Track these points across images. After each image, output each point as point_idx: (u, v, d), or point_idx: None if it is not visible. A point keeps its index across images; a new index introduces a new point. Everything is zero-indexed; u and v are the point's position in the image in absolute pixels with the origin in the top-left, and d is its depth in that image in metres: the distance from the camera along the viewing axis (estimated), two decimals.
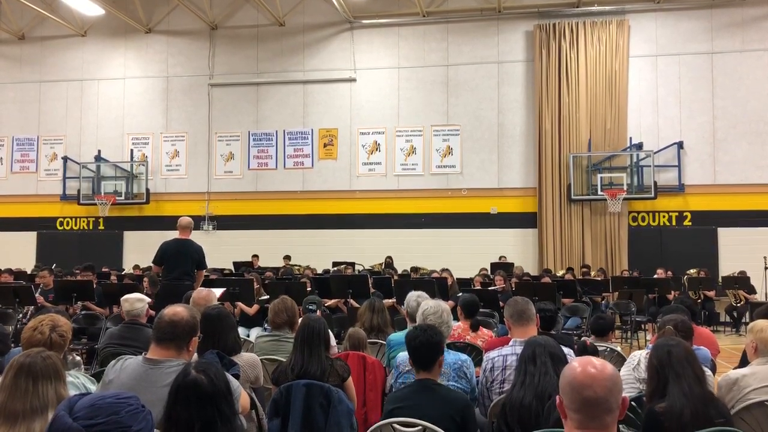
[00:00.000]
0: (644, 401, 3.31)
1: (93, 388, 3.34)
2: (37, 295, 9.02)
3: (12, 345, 4.88)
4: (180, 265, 7.98)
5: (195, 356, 3.60)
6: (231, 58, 17.60)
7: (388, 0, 16.85)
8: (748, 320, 11.28)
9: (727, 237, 15.14)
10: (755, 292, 13.43)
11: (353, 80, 16.92)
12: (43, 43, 18.54)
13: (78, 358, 4.73)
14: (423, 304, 4.56)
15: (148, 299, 5.25)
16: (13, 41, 18.60)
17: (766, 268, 13.69)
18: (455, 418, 3.30)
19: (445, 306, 4.54)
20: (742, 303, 13.40)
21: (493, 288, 10.39)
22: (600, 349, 5.18)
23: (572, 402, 2.04)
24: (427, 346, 3.50)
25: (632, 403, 3.41)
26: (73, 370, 3.74)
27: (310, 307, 5.64)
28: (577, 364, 2.09)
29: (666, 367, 3.15)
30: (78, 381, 3.32)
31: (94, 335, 8.27)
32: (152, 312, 5.52)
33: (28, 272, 12.61)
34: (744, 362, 4.27)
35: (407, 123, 16.67)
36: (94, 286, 9.52)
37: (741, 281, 13.49)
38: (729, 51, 15.41)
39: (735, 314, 13.57)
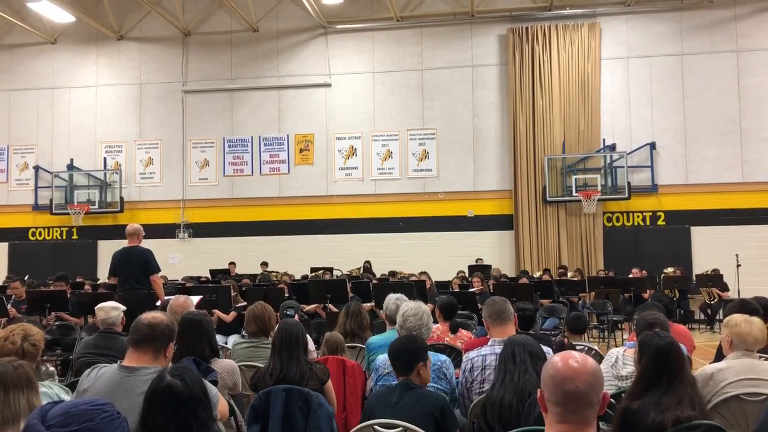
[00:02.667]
0: (623, 398, 3.32)
1: (67, 398, 3.27)
2: (9, 306, 8.86)
3: None
4: (129, 274, 7.93)
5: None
6: (205, 65, 17.49)
7: (362, 5, 16.88)
8: (722, 317, 11.43)
9: (700, 236, 15.37)
10: (728, 290, 13.62)
11: (328, 85, 16.91)
12: (11, 51, 18.25)
13: (52, 368, 4.64)
14: (403, 306, 4.54)
15: (123, 307, 5.17)
16: None
17: (738, 266, 13.90)
18: (435, 414, 3.30)
19: (426, 308, 4.52)
20: (715, 300, 13.58)
21: (471, 290, 10.41)
22: (578, 348, 5.21)
23: (553, 395, 2.04)
24: (404, 352, 3.51)
25: (611, 399, 3.42)
26: (47, 380, 3.67)
27: (288, 312, 5.60)
28: (558, 358, 2.09)
29: (661, 375, 3.11)
30: (52, 391, 3.26)
31: (68, 346, 8.12)
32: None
33: (0, 284, 12.38)
34: (719, 357, 4.32)
35: (383, 127, 16.69)
36: (68, 296, 9.37)
37: (714, 279, 13.68)
38: (698, 53, 15.67)
39: (709, 312, 13.75)
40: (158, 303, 7.40)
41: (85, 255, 17.17)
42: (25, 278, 11.94)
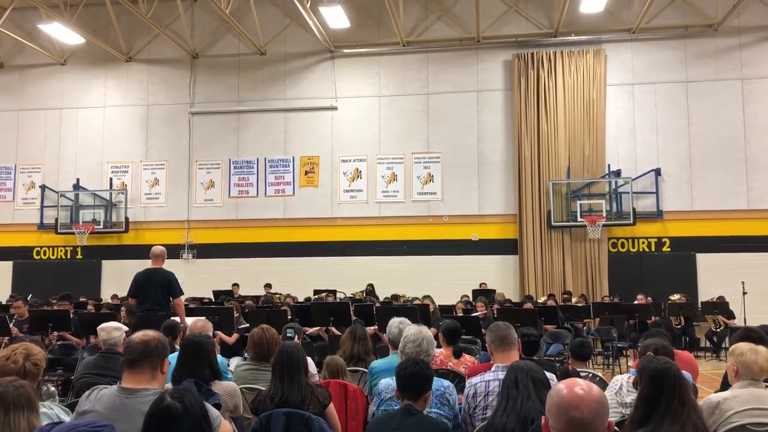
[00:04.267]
0: (626, 426, 3.28)
1: (67, 419, 3.25)
2: (11, 325, 8.85)
3: None
4: (150, 295, 7.89)
5: (169, 384, 3.54)
6: (212, 87, 17.62)
7: (369, 29, 17.03)
8: (727, 345, 11.34)
9: (706, 262, 15.29)
10: (734, 317, 13.51)
11: (334, 108, 17.01)
12: (22, 72, 18.44)
13: (53, 388, 4.62)
14: (405, 331, 4.50)
15: (126, 328, 5.15)
16: None
17: (744, 293, 13.81)
18: None
19: (427, 333, 4.47)
20: (721, 328, 13.48)
21: (474, 314, 10.35)
22: (582, 374, 5.16)
23: (558, 422, 2.02)
24: (417, 376, 3.50)
25: (615, 427, 3.38)
26: (48, 401, 3.65)
27: (288, 333, 5.57)
28: (564, 385, 2.07)
29: (659, 397, 3.07)
30: (52, 412, 3.24)
31: (70, 366, 8.08)
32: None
33: (3, 303, 12.37)
34: (725, 386, 4.28)
35: (388, 150, 16.74)
36: (71, 315, 9.35)
37: (720, 306, 13.58)
38: (703, 80, 15.74)
39: (715, 339, 13.64)
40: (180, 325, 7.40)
41: (88, 275, 17.17)
42: (28, 297, 11.95)
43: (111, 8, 16.45)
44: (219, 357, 4.35)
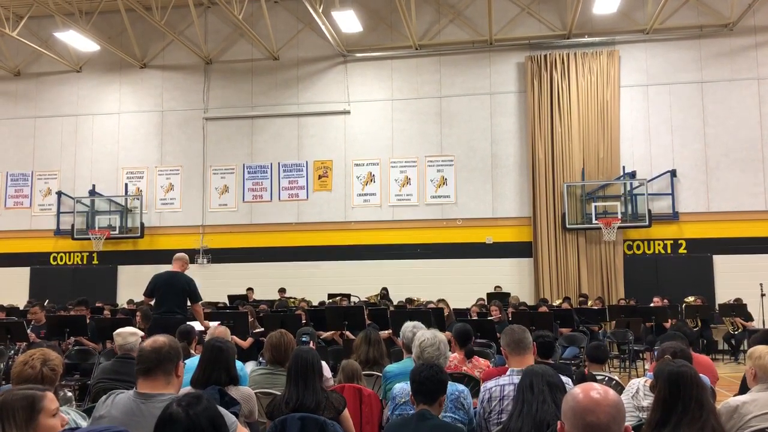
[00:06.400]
0: (643, 430, 3.25)
1: (84, 423, 3.28)
2: (29, 331, 8.93)
3: (3, 382, 4.80)
4: (169, 298, 7.93)
5: (189, 388, 3.56)
6: (225, 92, 17.72)
7: (381, 33, 17.06)
8: (746, 348, 11.21)
9: (723, 264, 15.14)
10: (752, 320, 13.37)
11: (347, 112, 17.03)
12: (38, 79, 18.65)
13: (70, 393, 4.66)
14: (419, 335, 4.47)
15: (141, 333, 5.18)
16: (9, 77, 18.71)
17: (762, 295, 13.66)
18: None
19: (442, 336, 4.47)
20: (739, 331, 13.34)
21: (489, 318, 10.31)
22: (599, 378, 5.12)
23: (574, 427, 2.00)
24: (431, 380, 3.49)
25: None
26: (65, 405, 3.68)
27: (303, 338, 5.57)
28: (579, 390, 2.06)
29: (676, 400, 3.03)
30: (69, 417, 3.25)
31: (86, 371, 8.14)
32: None
33: (20, 308, 12.49)
34: (744, 389, 4.23)
35: (401, 154, 16.74)
36: (87, 321, 9.42)
37: (738, 308, 13.44)
38: (718, 80, 15.60)
39: (733, 342, 13.50)
40: (202, 328, 7.48)
41: (104, 280, 17.31)
42: (45, 303, 12.06)
43: (125, 15, 16.59)
44: (237, 362, 4.37)
